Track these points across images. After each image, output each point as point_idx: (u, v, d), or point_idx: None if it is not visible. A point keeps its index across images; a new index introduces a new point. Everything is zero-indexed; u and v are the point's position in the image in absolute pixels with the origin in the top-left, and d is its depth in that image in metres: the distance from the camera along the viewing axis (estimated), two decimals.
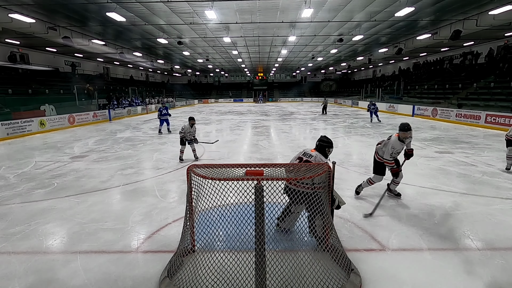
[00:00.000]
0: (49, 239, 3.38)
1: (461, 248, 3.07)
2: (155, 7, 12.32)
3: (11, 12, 11.32)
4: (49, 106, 14.53)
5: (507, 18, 12.83)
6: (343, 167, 6.34)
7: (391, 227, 3.56)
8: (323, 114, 20.59)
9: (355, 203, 4.32)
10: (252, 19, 14.36)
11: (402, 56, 26.37)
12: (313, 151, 3.28)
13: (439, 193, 4.69)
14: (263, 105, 35.53)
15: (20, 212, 4.11)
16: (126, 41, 19.93)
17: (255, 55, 28.11)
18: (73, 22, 14.25)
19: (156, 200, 4.53)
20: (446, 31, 15.58)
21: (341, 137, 10.76)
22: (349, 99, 32.34)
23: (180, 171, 6.12)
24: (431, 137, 10.15)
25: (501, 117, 11.82)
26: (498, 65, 17.18)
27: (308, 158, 3.20)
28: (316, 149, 3.32)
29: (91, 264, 2.85)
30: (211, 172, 2.59)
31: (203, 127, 14.24)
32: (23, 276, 2.67)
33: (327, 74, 47.44)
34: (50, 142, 10.37)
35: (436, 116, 16.02)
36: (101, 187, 5.20)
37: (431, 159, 7.01)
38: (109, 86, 26.31)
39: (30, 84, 17.48)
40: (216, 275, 2.50)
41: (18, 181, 5.65)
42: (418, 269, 2.72)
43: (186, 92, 42.78)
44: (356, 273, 2.59)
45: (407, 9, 11.58)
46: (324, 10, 13.14)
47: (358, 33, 17.12)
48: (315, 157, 3.19)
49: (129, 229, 3.58)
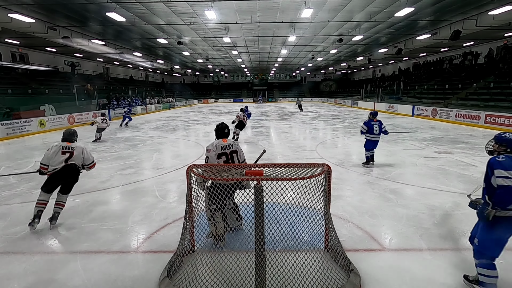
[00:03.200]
0: (49, 239, 3.38)
1: (461, 248, 3.06)
2: (155, 7, 12.32)
3: (11, 12, 11.31)
4: (49, 106, 14.52)
5: (506, 18, 12.84)
6: (343, 167, 6.34)
7: (391, 227, 3.56)
8: (301, 112, 23.60)
9: (355, 203, 4.32)
10: (252, 19, 14.36)
11: (402, 56, 26.37)
12: (225, 141, 3.26)
13: (439, 193, 4.69)
14: (263, 105, 35.55)
15: (20, 212, 4.11)
16: (126, 41, 19.92)
17: (255, 55, 28.11)
18: (73, 22, 14.24)
19: (156, 200, 4.53)
20: (446, 31, 15.60)
21: (340, 137, 10.76)
22: (349, 99, 32.36)
23: (180, 171, 6.12)
24: (431, 137, 10.15)
25: (501, 117, 11.83)
26: (497, 65, 17.19)
27: (232, 147, 3.23)
28: (225, 137, 3.32)
29: (90, 264, 2.85)
30: (211, 172, 2.59)
31: (203, 127, 14.24)
32: (22, 276, 2.67)
33: (327, 74, 47.45)
34: (50, 142, 10.35)
35: (435, 116, 16.03)
36: (100, 187, 5.19)
37: (431, 159, 7.02)
38: (109, 86, 26.30)
39: (29, 84, 17.48)
40: (216, 275, 2.49)
41: (17, 181, 5.64)
42: (418, 269, 2.71)
43: (186, 92, 42.78)
44: (356, 273, 2.59)
45: (407, 9, 11.59)
46: (324, 10, 13.14)
47: (358, 33, 17.12)
48: (234, 143, 3.29)
49: (129, 229, 3.57)
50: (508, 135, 2.49)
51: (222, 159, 3.16)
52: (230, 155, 3.20)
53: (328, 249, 2.92)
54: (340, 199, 4.43)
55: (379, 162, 6.68)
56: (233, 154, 3.22)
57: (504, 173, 2.17)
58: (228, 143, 3.23)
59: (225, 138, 3.30)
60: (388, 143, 9.20)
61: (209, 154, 3.16)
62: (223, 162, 3.12)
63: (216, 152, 3.15)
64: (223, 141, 3.23)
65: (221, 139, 3.29)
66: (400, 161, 6.83)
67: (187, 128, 14.16)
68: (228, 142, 3.24)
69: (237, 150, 3.26)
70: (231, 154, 3.20)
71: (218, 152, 3.15)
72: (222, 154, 3.17)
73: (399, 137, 10.17)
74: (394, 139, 9.82)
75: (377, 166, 6.37)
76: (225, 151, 3.18)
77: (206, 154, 3.19)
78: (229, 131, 3.43)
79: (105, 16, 12.31)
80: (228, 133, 3.40)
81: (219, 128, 3.39)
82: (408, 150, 8.01)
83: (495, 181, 2.18)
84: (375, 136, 6.23)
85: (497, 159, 2.28)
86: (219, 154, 3.15)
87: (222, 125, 3.42)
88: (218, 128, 3.39)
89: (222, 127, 3.39)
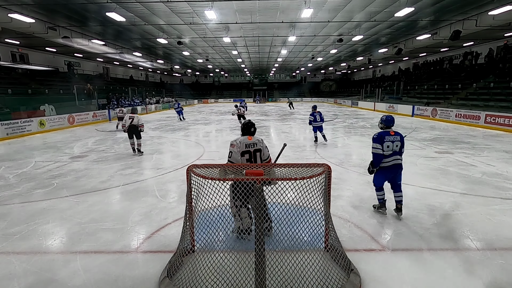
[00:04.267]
0: (49, 239, 3.38)
1: (461, 248, 3.07)
2: (155, 7, 12.32)
3: (11, 12, 11.31)
4: (49, 106, 14.52)
5: (506, 18, 12.84)
6: (343, 167, 6.34)
7: (391, 227, 3.56)
8: (291, 109, 26.19)
9: (355, 203, 4.32)
10: (252, 19, 14.37)
11: (402, 56, 26.37)
12: (250, 138, 3.17)
13: (439, 193, 4.68)
14: (263, 105, 35.55)
15: (20, 212, 4.11)
16: (126, 41, 19.92)
17: (255, 55, 28.11)
18: (73, 22, 14.24)
19: (156, 200, 4.53)
20: (445, 31, 15.60)
21: (340, 137, 10.76)
22: (349, 99, 32.37)
23: (180, 171, 6.12)
24: (431, 137, 10.15)
25: (501, 117, 11.83)
26: (497, 65, 17.19)
27: (256, 146, 3.15)
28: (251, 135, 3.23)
29: (90, 264, 2.85)
30: (211, 172, 2.59)
31: (202, 127, 14.24)
32: (22, 276, 2.67)
33: (327, 74, 47.45)
34: (50, 142, 10.36)
35: (435, 116, 16.03)
36: (100, 187, 5.19)
37: (431, 159, 7.02)
38: (109, 86, 26.30)
39: (29, 84, 17.48)
40: (216, 275, 2.49)
41: (17, 181, 5.64)
42: (418, 269, 2.72)
43: (186, 92, 42.78)
44: (356, 273, 2.59)
45: (407, 9, 11.59)
46: (324, 10, 13.14)
47: (358, 33, 17.12)
48: (259, 142, 3.19)
49: (129, 229, 3.57)
50: (383, 116, 3.85)
51: (245, 157, 3.09)
52: (253, 154, 3.13)
53: (328, 249, 2.91)
54: (340, 199, 4.43)
55: None
56: (256, 153, 3.15)
57: (374, 145, 3.64)
58: (252, 141, 3.15)
59: (250, 136, 3.20)
60: None
61: (233, 149, 3.10)
62: (246, 161, 3.09)
63: (240, 150, 3.08)
64: (248, 139, 3.15)
65: (246, 136, 3.20)
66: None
67: (187, 128, 14.16)
68: (253, 140, 3.16)
69: (261, 149, 3.18)
70: (254, 152, 3.13)
71: (242, 150, 3.09)
72: (246, 152, 3.10)
73: None
74: None
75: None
76: (249, 149, 3.11)
77: (230, 149, 3.13)
78: (255, 129, 3.32)
79: (105, 16, 12.31)
80: (255, 131, 3.29)
81: (245, 125, 3.29)
82: (408, 150, 7.99)
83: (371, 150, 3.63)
84: (318, 123, 8.87)
85: (374, 136, 3.67)
86: (242, 152, 3.09)
87: (249, 122, 3.32)
88: (244, 125, 3.30)
89: (248, 124, 3.28)
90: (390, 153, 3.63)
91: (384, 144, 3.60)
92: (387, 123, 3.80)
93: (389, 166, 3.67)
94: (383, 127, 3.82)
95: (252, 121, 3.38)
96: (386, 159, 3.65)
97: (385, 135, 3.64)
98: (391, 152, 3.63)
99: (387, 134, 3.66)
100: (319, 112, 8.91)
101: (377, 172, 3.76)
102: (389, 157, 3.64)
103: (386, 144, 3.60)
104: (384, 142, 3.60)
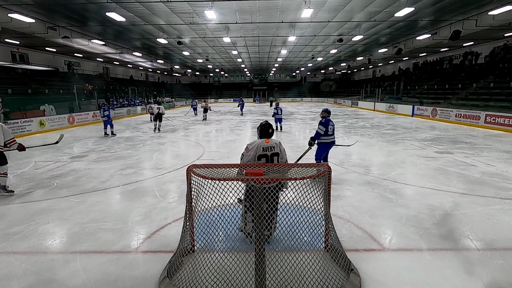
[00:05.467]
0: (49, 239, 3.37)
1: (461, 248, 3.06)
2: (155, 7, 12.32)
3: (11, 12, 11.32)
4: (49, 106, 14.52)
5: (506, 18, 12.85)
6: (343, 167, 6.34)
7: (391, 227, 3.56)
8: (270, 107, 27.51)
9: (355, 203, 4.32)
10: (252, 19, 14.37)
11: (402, 56, 26.39)
12: (268, 141, 3.00)
13: (439, 193, 4.68)
14: (263, 105, 35.52)
15: (20, 212, 4.10)
16: (126, 41, 19.93)
17: (255, 55, 28.11)
18: (73, 22, 14.25)
19: (156, 200, 4.53)
20: (445, 31, 15.60)
21: (340, 137, 10.75)
22: (349, 99, 32.37)
23: (180, 171, 6.12)
24: (431, 137, 10.15)
25: (501, 117, 11.83)
26: (497, 65, 17.19)
27: (274, 149, 2.98)
28: (268, 138, 3.06)
29: (90, 264, 2.85)
30: (210, 172, 2.59)
31: (202, 127, 14.24)
32: (22, 276, 2.67)
33: (327, 74, 47.47)
34: (50, 142, 10.33)
35: (435, 116, 16.03)
36: (100, 187, 5.19)
37: (431, 159, 7.02)
38: (108, 86, 26.31)
39: (29, 84, 17.48)
40: (215, 275, 2.49)
41: (17, 181, 5.65)
42: (418, 269, 2.71)
43: (186, 92, 42.78)
44: (356, 273, 2.59)
45: (407, 9, 11.60)
46: (324, 10, 13.15)
47: (358, 33, 17.13)
48: (277, 145, 3.02)
49: (129, 229, 3.57)
50: (326, 108, 5.51)
51: (262, 161, 2.92)
52: (270, 158, 2.95)
53: (328, 249, 2.91)
54: (340, 199, 4.43)
55: (379, 162, 6.69)
56: (274, 157, 2.96)
57: (320, 127, 5.18)
58: (270, 145, 2.96)
59: (267, 139, 3.01)
60: (388, 143, 9.21)
61: (247, 153, 2.93)
62: None
63: (257, 153, 2.90)
64: (266, 142, 2.97)
65: (263, 139, 3.02)
66: (400, 161, 6.84)
67: (187, 128, 14.16)
68: (270, 143, 2.97)
69: (279, 153, 2.99)
70: (271, 156, 2.95)
71: (258, 153, 2.91)
72: (263, 156, 2.93)
73: (399, 137, 10.18)
74: (394, 139, 9.83)
75: (377, 166, 6.37)
76: (266, 153, 2.93)
77: (244, 153, 2.97)
78: (273, 131, 3.14)
79: (105, 16, 12.32)
80: (272, 133, 3.12)
81: (262, 127, 3.10)
82: (408, 150, 8.01)
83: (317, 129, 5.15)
84: (279, 116, 11.82)
85: (322, 121, 5.23)
86: (259, 156, 2.91)
87: (266, 124, 3.12)
88: (261, 127, 3.11)
89: (266, 126, 3.10)
90: (331, 133, 5.29)
91: (329, 127, 5.21)
92: (329, 113, 5.45)
93: (330, 142, 5.33)
94: (327, 116, 5.36)
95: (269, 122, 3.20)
96: (328, 137, 5.27)
97: (329, 121, 5.28)
98: (331, 132, 5.30)
99: (330, 121, 5.30)
100: (280, 108, 12.11)
101: (319, 147, 5.36)
102: (330, 136, 5.29)
103: (330, 127, 5.23)
104: (328, 125, 5.20)
